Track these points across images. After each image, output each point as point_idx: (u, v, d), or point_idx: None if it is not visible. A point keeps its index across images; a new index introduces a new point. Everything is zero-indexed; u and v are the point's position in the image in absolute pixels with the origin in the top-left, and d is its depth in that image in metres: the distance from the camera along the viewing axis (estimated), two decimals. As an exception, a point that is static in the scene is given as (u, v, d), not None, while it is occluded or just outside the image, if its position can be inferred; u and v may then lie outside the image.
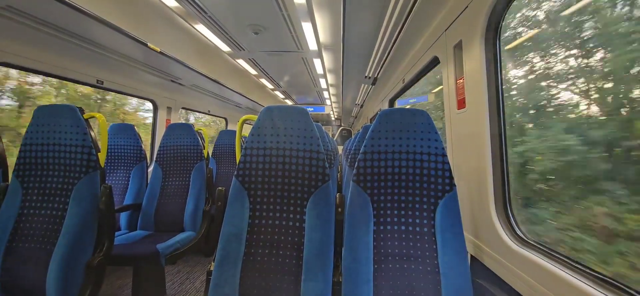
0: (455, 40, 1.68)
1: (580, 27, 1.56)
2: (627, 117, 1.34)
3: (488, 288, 1.32)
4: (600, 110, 1.49)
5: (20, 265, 1.43)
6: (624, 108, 1.37)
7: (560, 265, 1.00)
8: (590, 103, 1.54)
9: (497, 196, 1.37)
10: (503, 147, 1.38)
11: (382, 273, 1.22)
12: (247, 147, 1.39)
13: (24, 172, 1.60)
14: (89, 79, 2.70)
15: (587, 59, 1.55)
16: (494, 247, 1.33)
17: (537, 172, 1.78)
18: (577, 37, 1.58)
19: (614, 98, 1.43)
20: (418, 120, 1.32)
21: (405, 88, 3.27)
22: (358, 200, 1.30)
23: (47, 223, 1.51)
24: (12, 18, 1.77)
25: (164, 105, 3.83)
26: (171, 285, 2.51)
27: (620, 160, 1.36)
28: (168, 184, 2.52)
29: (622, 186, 1.34)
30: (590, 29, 1.52)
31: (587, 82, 1.54)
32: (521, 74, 2.02)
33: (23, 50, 2.11)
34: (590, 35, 1.53)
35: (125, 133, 2.74)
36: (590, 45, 1.52)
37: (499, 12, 1.35)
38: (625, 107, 1.37)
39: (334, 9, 2.39)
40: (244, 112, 6.38)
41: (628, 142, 1.33)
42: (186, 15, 2.48)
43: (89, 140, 1.59)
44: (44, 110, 1.65)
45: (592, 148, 1.49)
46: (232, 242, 1.29)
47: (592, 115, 1.54)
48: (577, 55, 1.59)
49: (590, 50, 1.54)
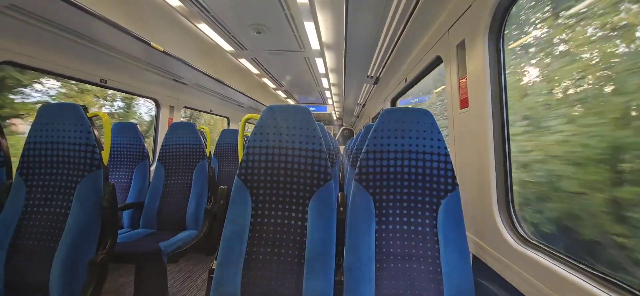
0: (458, 39, 1.67)
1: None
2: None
3: (491, 288, 1.32)
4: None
5: (24, 262, 1.44)
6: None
7: (563, 265, 1.00)
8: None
9: (500, 196, 1.37)
10: (506, 147, 1.38)
11: (384, 273, 1.22)
12: (249, 145, 1.39)
13: (27, 170, 1.61)
14: (92, 78, 2.72)
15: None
16: (496, 247, 1.33)
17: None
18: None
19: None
20: (421, 119, 1.31)
21: (407, 87, 3.26)
22: (360, 199, 1.30)
23: (50, 221, 1.52)
24: (16, 17, 1.78)
25: (167, 104, 3.84)
26: (173, 283, 2.52)
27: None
28: (170, 182, 2.53)
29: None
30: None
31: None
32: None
33: (27, 49, 2.12)
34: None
35: (128, 132, 2.75)
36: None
37: (502, 11, 1.34)
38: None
39: (336, 9, 2.39)
40: (246, 111, 6.39)
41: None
42: (189, 14, 2.48)
43: (92, 139, 1.60)
44: (48, 108, 1.66)
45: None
46: (234, 241, 1.29)
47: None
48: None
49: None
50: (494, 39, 1.40)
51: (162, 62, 2.88)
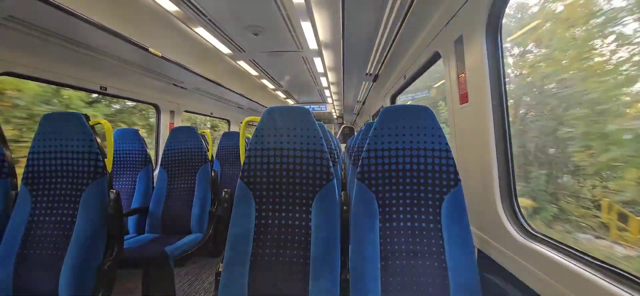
0: (456, 34, 1.68)
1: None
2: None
3: (496, 282, 1.33)
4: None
5: (32, 272, 1.46)
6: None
7: (568, 257, 1.01)
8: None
9: (503, 189, 1.37)
10: (507, 140, 1.38)
11: (389, 270, 1.23)
12: (250, 148, 1.40)
13: (32, 180, 1.62)
14: (93, 86, 2.73)
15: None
16: (501, 241, 1.33)
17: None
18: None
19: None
20: (421, 116, 1.32)
21: (406, 84, 3.26)
22: (363, 197, 1.31)
23: (57, 230, 1.53)
24: (15, 28, 1.79)
25: (167, 109, 3.85)
26: (181, 287, 2.54)
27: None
28: (174, 187, 2.55)
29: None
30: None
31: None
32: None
33: (26, 59, 2.13)
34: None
35: (130, 138, 2.76)
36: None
37: (499, 6, 1.34)
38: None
39: (333, 7, 2.39)
40: (246, 113, 6.40)
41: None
42: (186, 19, 2.49)
43: (96, 147, 1.62)
44: (50, 118, 1.67)
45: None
46: (239, 243, 1.30)
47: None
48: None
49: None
50: (491, 33, 1.40)
51: (161, 67, 2.89)
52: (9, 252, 1.48)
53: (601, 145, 1.56)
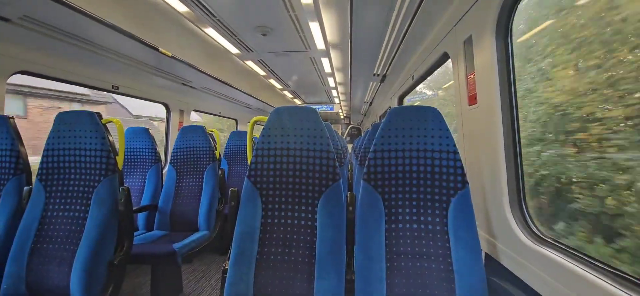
0: (465, 35, 1.65)
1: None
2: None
3: (503, 286, 1.30)
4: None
5: (45, 265, 1.50)
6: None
7: (579, 263, 0.98)
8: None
9: (511, 193, 1.35)
10: (517, 143, 1.36)
11: (395, 271, 1.23)
12: (258, 148, 1.41)
13: (47, 176, 1.67)
14: (105, 85, 2.80)
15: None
16: (509, 245, 1.31)
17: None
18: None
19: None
20: (429, 117, 1.31)
21: (414, 85, 3.23)
22: (369, 198, 1.30)
23: (70, 225, 1.58)
24: (30, 28, 1.84)
25: (177, 108, 3.92)
26: (188, 283, 2.57)
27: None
28: (182, 185, 2.59)
29: None
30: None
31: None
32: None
33: (40, 58, 2.20)
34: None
35: (141, 137, 2.82)
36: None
37: (510, 5, 1.32)
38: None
39: (341, 7, 2.39)
40: (253, 112, 6.45)
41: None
42: (195, 19, 2.53)
43: (108, 144, 1.65)
44: (65, 116, 1.72)
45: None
46: (245, 241, 1.31)
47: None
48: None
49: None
50: (501, 34, 1.38)
51: (171, 67, 2.94)
52: (22, 246, 1.53)
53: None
